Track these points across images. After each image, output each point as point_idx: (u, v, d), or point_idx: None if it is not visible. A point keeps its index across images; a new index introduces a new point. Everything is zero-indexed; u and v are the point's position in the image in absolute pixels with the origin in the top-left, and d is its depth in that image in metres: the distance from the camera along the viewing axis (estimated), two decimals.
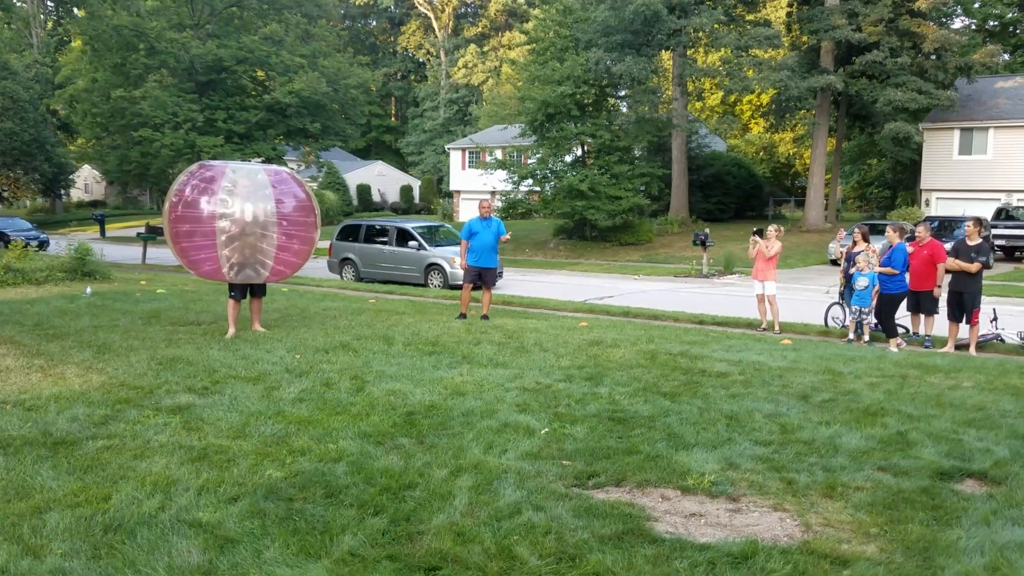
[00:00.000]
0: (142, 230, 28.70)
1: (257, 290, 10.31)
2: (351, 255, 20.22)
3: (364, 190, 54.57)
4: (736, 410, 6.33)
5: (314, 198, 10.36)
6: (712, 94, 49.59)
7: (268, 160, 27.55)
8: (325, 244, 19.86)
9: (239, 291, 10.00)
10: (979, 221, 11.19)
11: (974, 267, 10.36)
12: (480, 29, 71.10)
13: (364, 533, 3.91)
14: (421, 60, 75.63)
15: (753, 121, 51.82)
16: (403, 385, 7.05)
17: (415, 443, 5.40)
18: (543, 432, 5.65)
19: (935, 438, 5.60)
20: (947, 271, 10.66)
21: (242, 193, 9.43)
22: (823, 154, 33.94)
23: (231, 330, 9.84)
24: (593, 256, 28.50)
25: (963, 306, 10.48)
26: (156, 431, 5.58)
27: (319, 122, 26.96)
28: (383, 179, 57.68)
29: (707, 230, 24.53)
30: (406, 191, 57.80)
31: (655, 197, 32.99)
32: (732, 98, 48.13)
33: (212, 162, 10.13)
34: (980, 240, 10.68)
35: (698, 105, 49.55)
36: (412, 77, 76.73)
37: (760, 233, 12.36)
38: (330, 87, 26.57)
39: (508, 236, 12.45)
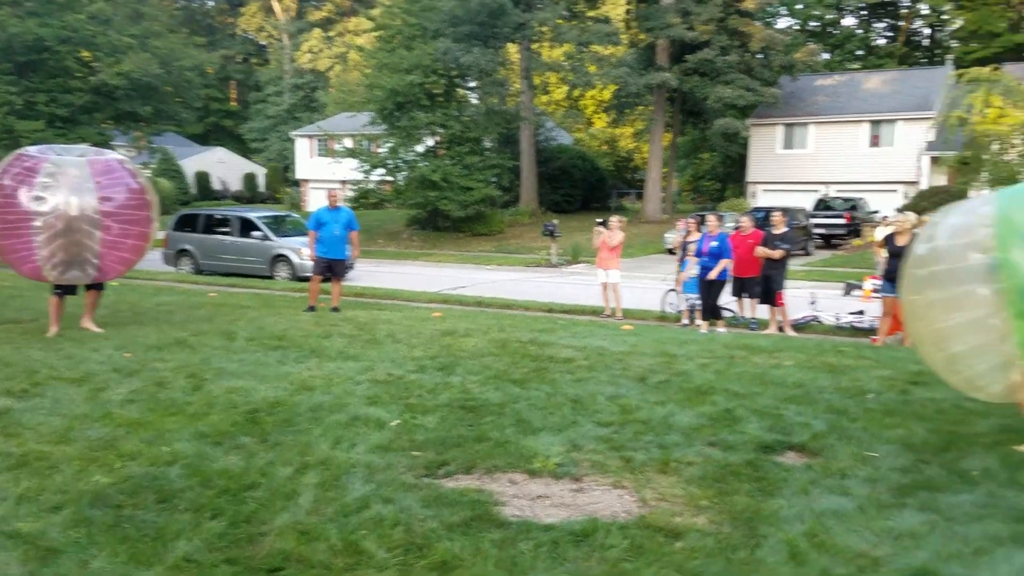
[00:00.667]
0: None
1: (94, 283, 9.60)
2: (189, 246, 19.29)
3: (203, 177, 52.14)
4: (580, 394, 6.54)
5: (150, 188, 9.72)
6: (557, 88, 50.69)
7: (95, 145, 25.81)
8: (161, 235, 18.83)
9: (64, 287, 9.28)
10: (785, 211, 12.14)
11: (777, 254, 11.19)
12: (325, 13, 69.33)
13: (200, 537, 3.75)
14: (263, 43, 72.87)
15: (596, 116, 53.45)
16: (245, 382, 6.79)
17: (257, 442, 5.23)
18: (394, 424, 5.61)
19: (759, 414, 6.00)
20: (755, 256, 11.46)
21: (67, 184, 8.66)
22: (660, 148, 35.51)
23: (52, 328, 9.11)
24: (446, 246, 28.55)
25: (767, 289, 11.34)
26: None
27: (151, 105, 25.49)
28: (224, 166, 55.30)
29: (555, 221, 25.13)
30: (250, 179, 55.70)
31: (506, 188, 33.45)
32: (576, 93, 49.42)
33: (32, 150, 9.26)
34: (785, 229, 11.53)
35: (544, 99, 50.54)
36: (253, 60, 73.83)
37: (604, 224, 12.80)
38: (163, 69, 25.16)
39: (358, 233, 12.25)
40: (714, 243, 11.24)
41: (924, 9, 51.89)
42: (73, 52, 24.67)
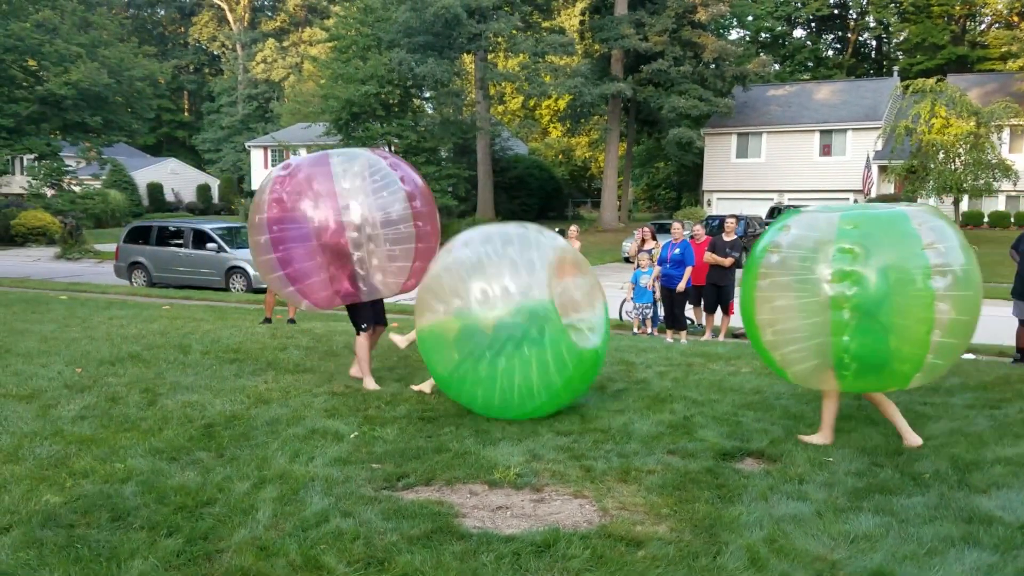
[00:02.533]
0: None
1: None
2: (142, 259, 18.91)
3: (156, 189, 51.26)
4: None
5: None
6: (513, 98, 50.93)
7: (42, 157, 25.24)
8: (111, 247, 18.47)
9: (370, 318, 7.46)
10: (739, 218, 12.22)
11: (727, 261, 11.22)
12: (279, 23, 68.76)
13: (156, 556, 3.67)
14: (216, 53, 71.96)
15: (552, 125, 53.78)
16: (201, 396, 6.68)
17: (214, 457, 5.14)
18: (352, 436, 5.56)
19: (718, 421, 6.07)
20: (704, 263, 11.43)
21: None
22: (615, 157, 35.85)
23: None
24: None
25: (720, 298, 11.35)
26: None
27: (100, 116, 24.98)
28: (177, 178, 54.42)
29: None
30: (203, 190, 54.87)
31: (462, 198, 33.45)
32: (532, 102, 49.72)
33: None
34: (735, 237, 11.64)
35: (500, 108, 50.71)
36: (206, 71, 72.89)
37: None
38: (112, 79, 24.68)
39: None
40: (676, 250, 11.20)
41: (871, 22, 53.22)
42: (19, 61, 24.09)
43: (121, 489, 4.49)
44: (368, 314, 7.30)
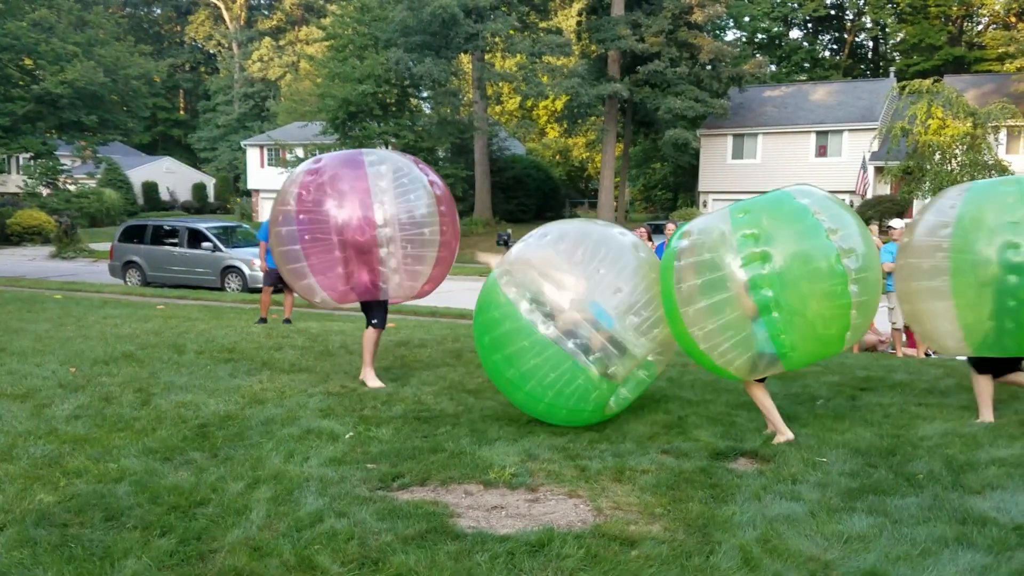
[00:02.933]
0: None
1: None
2: (136, 258, 18.89)
3: (151, 188, 51.17)
4: None
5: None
6: (510, 98, 50.91)
7: (38, 156, 25.19)
8: (106, 246, 18.46)
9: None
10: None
11: None
12: (275, 22, 68.67)
13: (149, 556, 3.66)
14: (211, 52, 71.84)
15: (549, 126, 53.77)
16: (195, 396, 6.67)
17: (208, 457, 5.13)
18: (347, 436, 5.56)
19: (712, 421, 6.07)
20: None
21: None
22: (612, 158, 35.87)
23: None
24: None
25: None
26: None
27: (96, 114, 24.91)
28: (173, 176, 54.35)
29: (510, 231, 25.16)
30: (199, 189, 54.80)
31: (459, 198, 33.40)
32: (529, 103, 49.69)
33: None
34: None
35: (497, 109, 50.70)
36: (202, 69, 72.79)
37: None
38: (108, 77, 24.63)
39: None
40: None
41: (867, 22, 53.31)
42: (15, 60, 24.04)
43: (115, 489, 4.49)
44: (382, 311, 7.36)
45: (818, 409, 6.60)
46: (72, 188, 28.55)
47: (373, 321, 7.36)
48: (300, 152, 32.87)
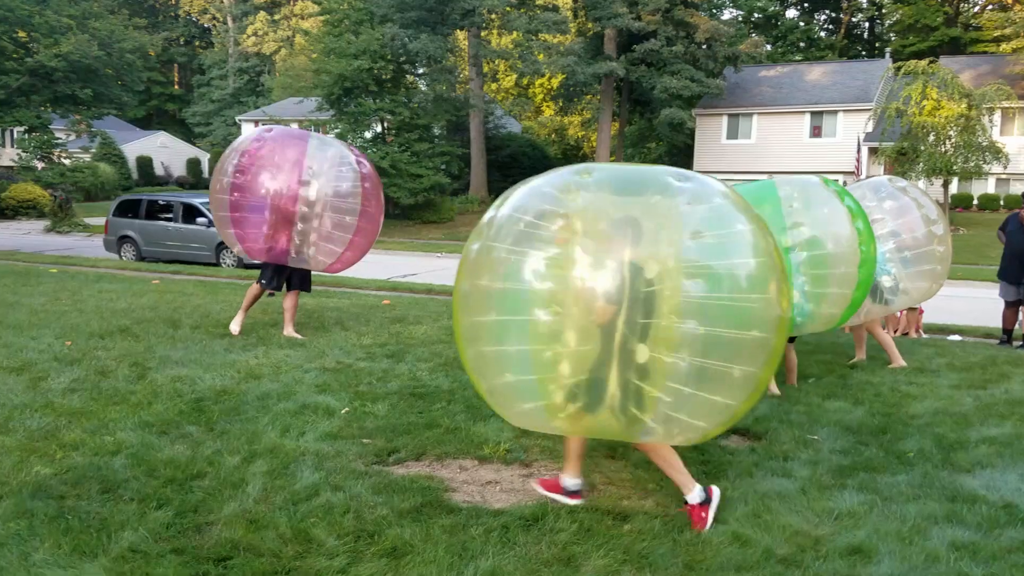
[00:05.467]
0: None
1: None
2: (131, 232, 18.81)
3: (145, 163, 50.83)
4: None
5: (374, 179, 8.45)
6: (506, 76, 50.60)
7: (32, 129, 25.00)
8: (101, 221, 18.37)
9: (272, 281, 8.34)
10: None
11: None
12: None
13: (146, 528, 3.69)
14: (206, 25, 71.10)
15: (545, 104, 53.51)
16: (191, 370, 6.68)
17: (204, 431, 5.16)
18: (343, 412, 5.59)
19: None
20: None
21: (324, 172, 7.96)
22: (608, 137, 35.75)
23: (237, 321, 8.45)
24: (396, 234, 28.34)
25: None
26: None
27: (91, 88, 24.70)
28: (167, 151, 53.95)
29: None
30: (193, 164, 54.44)
31: (455, 176, 33.32)
32: (525, 81, 49.41)
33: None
34: None
35: (494, 86, 50.41)
36: (197, 43, 72.05)
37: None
38: (103, 51, 24.40)
39: None
40: None
41: (863, 2, 53.01)
42: (8, 32, 23.79)
43: (111, 461, 4.51)
44: (271, 274, 8.20)
45: (809, 387, 6.65)
46: (67, 162, 28.37)
47: (262, 281, 8.24)
48: (295, 128, 32.69)
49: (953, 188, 29.83)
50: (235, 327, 8.36)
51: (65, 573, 3.28)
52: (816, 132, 33.98)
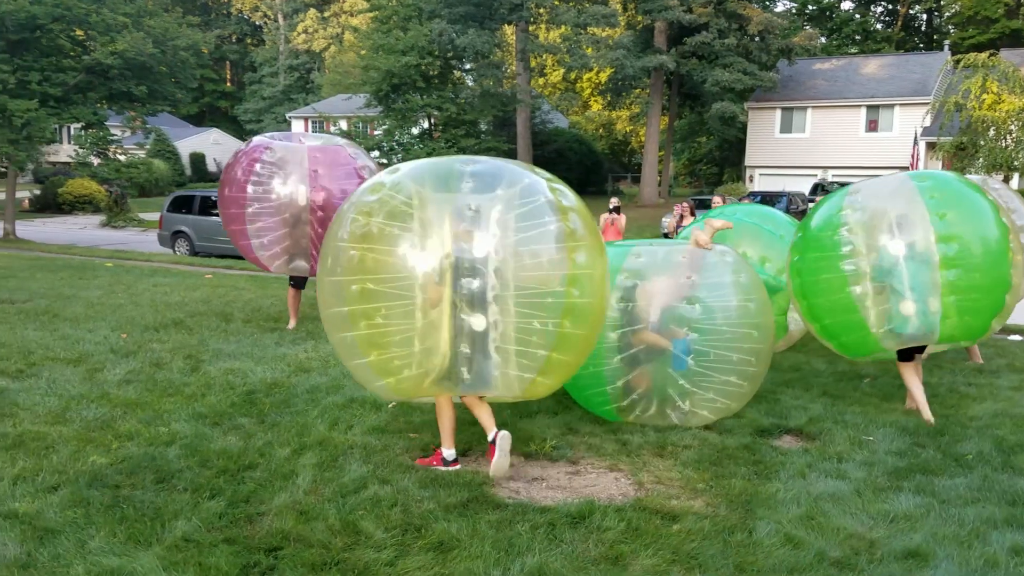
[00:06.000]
0: None
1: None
2: (185, 228, 19.20)
3: (198, 159, 51.88)
4: None
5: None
6: (554, 71, 50.43)
7: (88, 126, 25.62)
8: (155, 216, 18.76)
9: (296, 279, 8.80)
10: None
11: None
12: None
13: (199, 517, 3.76)
14: (258, 23, 72.24)
15: (593, 98, 53.19)
16: (243, 363, 6.79)
17: (255, 422, 5.23)
18: (390, 406, 5.62)
19: (756, 398, 5.99)
20: None
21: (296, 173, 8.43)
22: (657, 132, 35.38)
23: (291, 321, 8.76)
24: None
25: None
26: None
27: (145, 85, 25.21)
28: (219, 148, 54.94)
29: None
30: None
31: None
32: (572, 75, 49.18)
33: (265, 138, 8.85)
34: None
35: (541, 81, 50.27)
36: (249, 41, 73.22)
37: (617, 211, 12.61)
38: (157, 48, 24.88)
39: None
40: None
41: None
42: (66, 31, 24.37)
43: (165, 452, 4.60)
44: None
45: (865, 388, 6.51)
46: (122, 158, 29.02)
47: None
48: (344, 124, 32.99)
49: (1014, 183, 28.93)
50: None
51: (120, 561, 3.35)
52: (872, 126, 33.23)
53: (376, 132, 31.24)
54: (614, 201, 12.69)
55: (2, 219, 22.87)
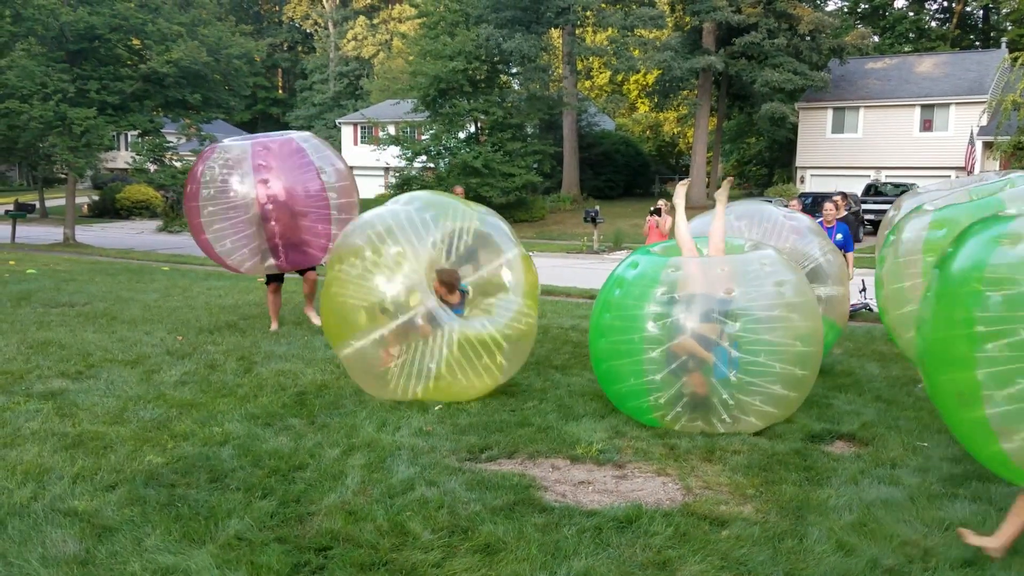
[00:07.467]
0: (11, 207, 26.98)
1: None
2: None
3: None
4: None
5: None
6: (600, 73, 50.26)
7: (145, 133, 26.29)
8: None
9: (272, 276, 8.81)
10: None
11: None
12: (370, 0, 69.54)
13: (251, 516, 3.83)
14: (308, 31, 73.40)
15: (640, 100, 52.88)
16: (294, 365, 6.91)
17: (306, 423, 5.32)
18: (437, 408, 5.66)
19: (807, 403, 5.90)
20: None
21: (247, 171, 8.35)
22: (705, 133, 35.06)
23: (272, 325, 8.79)
24: None
25: None
26: (27, 418, 5.29)
27: (200, 93, 25.81)
28: None
29: (597, 207, 24.96)
30: None
31: (547, 175, 33.32)
32: (619, 77, 48.94)
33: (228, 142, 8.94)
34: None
35: (587, 84, 50.17)
36: (300, 48, 74.42)
37: (658, 212, 12.54)
38: (211, 57, 25.45)
39: None
40: (839, 236, 9.29)
41: None
42: (123, 40, 25.05)
43: (219, 451, 4.71)
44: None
45: (918, 392, 6.36)
46: (178, 164, 29.73)
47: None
48: (392, 130, 33.33)
49: None
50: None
51: (175, 559, 3.44)
52: (927, 126, 32.46)
53: (423, 137, 31.50)
54: (660, 203, 12.60)
55: (63, 224, 23.57)
